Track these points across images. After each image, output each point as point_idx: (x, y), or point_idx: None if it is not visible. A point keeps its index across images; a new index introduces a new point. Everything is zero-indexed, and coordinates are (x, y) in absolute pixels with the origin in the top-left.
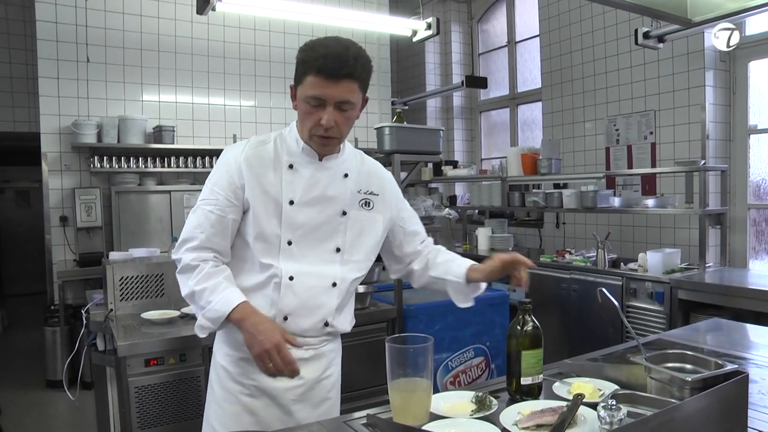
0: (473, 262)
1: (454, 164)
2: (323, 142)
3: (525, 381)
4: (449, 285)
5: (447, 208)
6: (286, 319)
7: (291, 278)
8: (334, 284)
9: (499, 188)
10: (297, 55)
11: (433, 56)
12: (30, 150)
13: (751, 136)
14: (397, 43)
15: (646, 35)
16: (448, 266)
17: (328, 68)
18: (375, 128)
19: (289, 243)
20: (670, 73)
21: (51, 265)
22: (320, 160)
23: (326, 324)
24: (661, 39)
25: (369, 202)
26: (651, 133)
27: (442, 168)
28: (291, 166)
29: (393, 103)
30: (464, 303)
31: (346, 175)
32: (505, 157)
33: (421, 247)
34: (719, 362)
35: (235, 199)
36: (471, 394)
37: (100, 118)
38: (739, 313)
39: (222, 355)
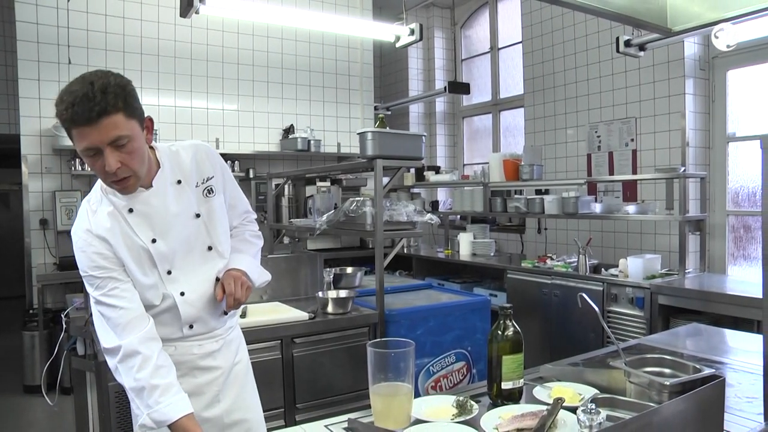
0: (240, 263)
1: (437, 170)
2: (121, 186)
3: (506, 385)
4: None
5: (429, 214)
6: (191, 327)
7: (182, 293)
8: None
9: (481, 194)
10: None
11: (416, 62)
12: (9, 152)
13: (730, 143)
14: (380, 49)
15: (627, 43)
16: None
17: (79, 116)
18: (357, 133)
19: (169, 272)
20: (650, 81)
21: (30, 269)
22: (150, 186)
23: (225, 313)
24: (641, 47)
25: (211, 189)
26: (632, 140)
27: (425, 173)
28: (131, 210)
29: (376, 109)
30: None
31: (179, 182)
32: (488, 163)
33: (236, 223)
34: (697, 366)
35: (117, 265)
36: (452, 398)
37: None
38: (718, 319)
39: None
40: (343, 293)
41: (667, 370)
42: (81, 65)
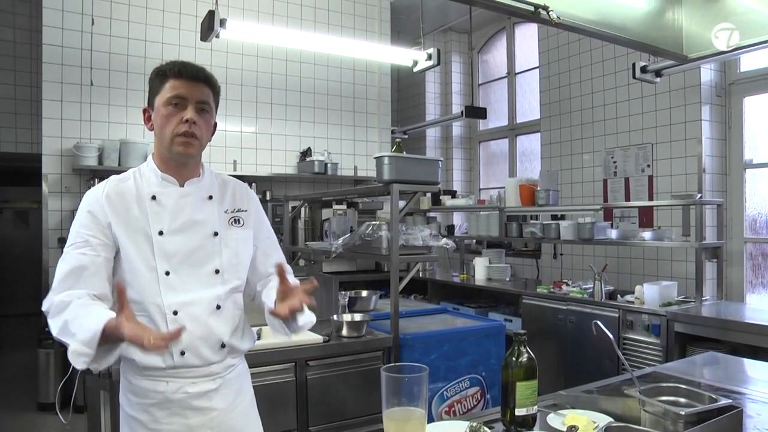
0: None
1: (453, 194)
2: (186, 142)
3: (519, 412)
4: (265, 312)
5: (445, 238)
6: (183, 354)
7: (175, 312)
8: (218, 306)
9: (497, 218)
10: (151, 78)
11: (434, 86)
12: (31, 171)
13: (747, 170)
14: (398, 73)
15: (643, 69)
16: (270, 292)
17: (188, 71)
18: (374, 157)
19: (167, 273)
20: (667, 107)
21: (47, 286)
22: (182, 186)
23: (223, 345)
24: (658, 73)
25: (239, 219)
26: (648, 165)
27: (441, 197)
28: (154, 198)
29: (393, 132)
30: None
31: (210, 197)
32: (504, 188)
33: (271, 269)
34: (713, 396)
35: (104, 237)
36: (465, 423)
37: (101, 141)
38: (736, 347)
39: (130, 405)
40: (357, 317)
41: (682, 400)
42: (103, 87)
